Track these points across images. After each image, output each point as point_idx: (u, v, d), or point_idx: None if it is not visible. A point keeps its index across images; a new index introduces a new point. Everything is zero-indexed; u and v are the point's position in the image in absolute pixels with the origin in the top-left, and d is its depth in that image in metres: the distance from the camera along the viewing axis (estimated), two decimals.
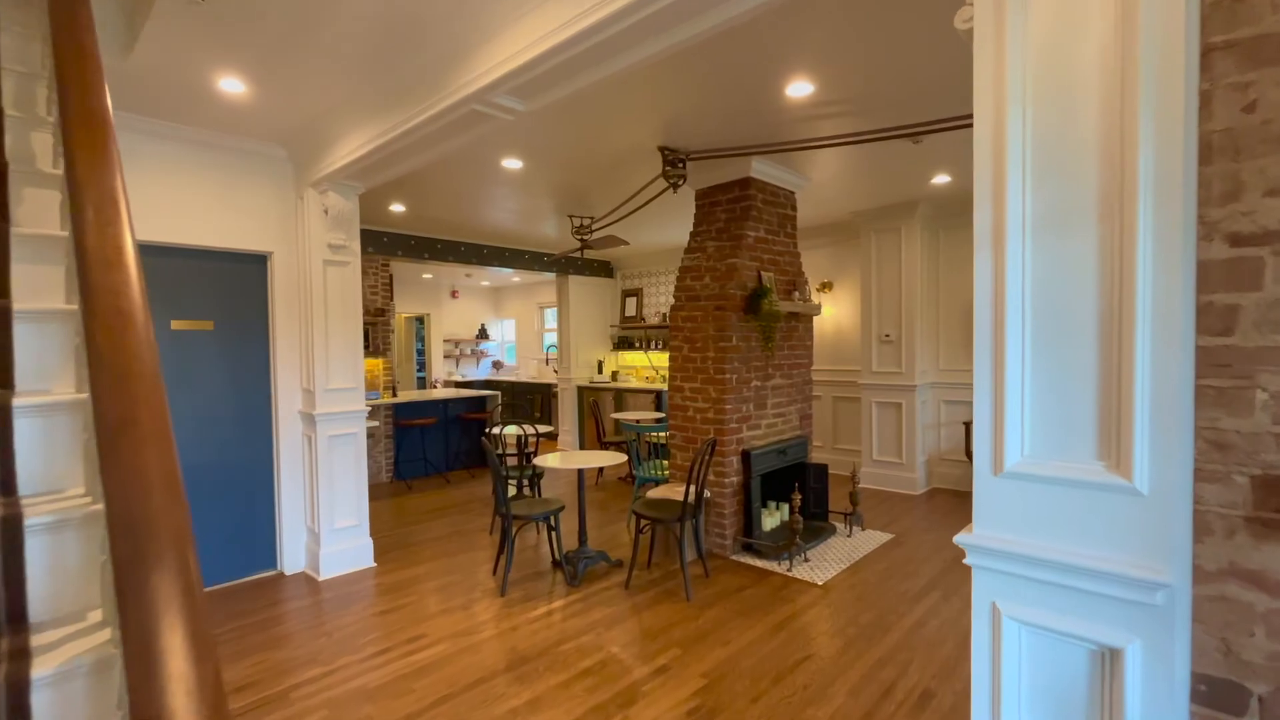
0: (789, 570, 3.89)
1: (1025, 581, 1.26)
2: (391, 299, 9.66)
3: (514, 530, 3.66)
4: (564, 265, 8.32)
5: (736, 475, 4.22)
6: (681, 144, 3.95)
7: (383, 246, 6.46)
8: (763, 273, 4.40)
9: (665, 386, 7.64)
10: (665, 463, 5.01)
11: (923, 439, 5.94)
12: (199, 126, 3.51)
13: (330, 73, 2.91)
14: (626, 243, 5.39)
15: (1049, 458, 1.24)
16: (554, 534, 3.90)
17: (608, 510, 5.38)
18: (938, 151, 4.17)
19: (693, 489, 3.66)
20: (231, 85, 2.99)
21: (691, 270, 4.44)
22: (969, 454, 5.60)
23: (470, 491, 6.16)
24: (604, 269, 8.95)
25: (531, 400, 9.73)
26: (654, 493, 4.10)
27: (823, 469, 4.71)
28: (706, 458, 3.54)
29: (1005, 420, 1.28)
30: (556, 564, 3.98)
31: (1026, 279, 1.26)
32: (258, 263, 3.90)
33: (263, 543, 3.94)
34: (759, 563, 4.05)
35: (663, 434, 4.73)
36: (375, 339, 6.79)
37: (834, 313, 6.82)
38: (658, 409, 7.50)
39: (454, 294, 11.25)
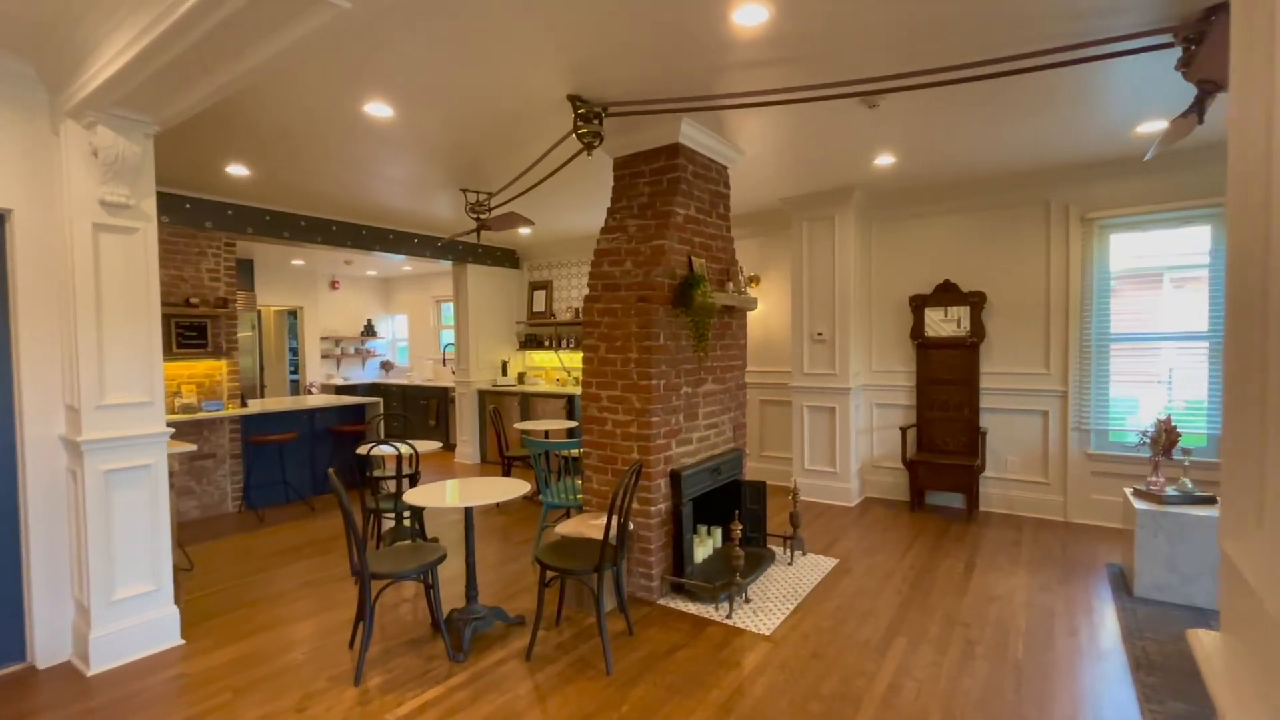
0: (728, 617, 3.22)
1: None
2: (250, 289, 8.21)
3: (375, 596, 2.74)
4: (462, 253, 7.29)
5: (665, 501, 3.50)
6: (597, 93, 3.17)
7: (225, 221, 5.20)
8: (693, 258, 3.71)
9: (579, 390, 6.82)
10: (579, 481, 4.21)
11: (856, 446, 5.51)
12: None
13: None
14: (531, 223, 4.53)
15: None
16: (432, 593, 3.00)
17: (509, 540, 4.51)
18: (892, 121, 3.65)
19: (614, 525, 2.90)
20: None
21: (609, 254, 3.67)
22: (905, 461, 5.22)
23: (338, 524, 5.07)
24: (508, 258, 7.99)
25: (426, 406, 8.59)
26: (565, 527, 3.30)
27: (760, 487, 4.09)
28: (631, 486, 2.78)
29: None
30: (437, 627, 3.09)
31: None
32: None
33: (0, 625, 2.76)
34: (692, 608, 3.34)
35: (576, 450, 3.95)
36: (216, 336, 5.49)
37: (763, 309, 6.29)
38: (570, 416, 6.68)
39: (334, 285, 9.83)
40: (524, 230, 6.88)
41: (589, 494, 3.68)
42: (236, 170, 4.42)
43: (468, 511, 2.98)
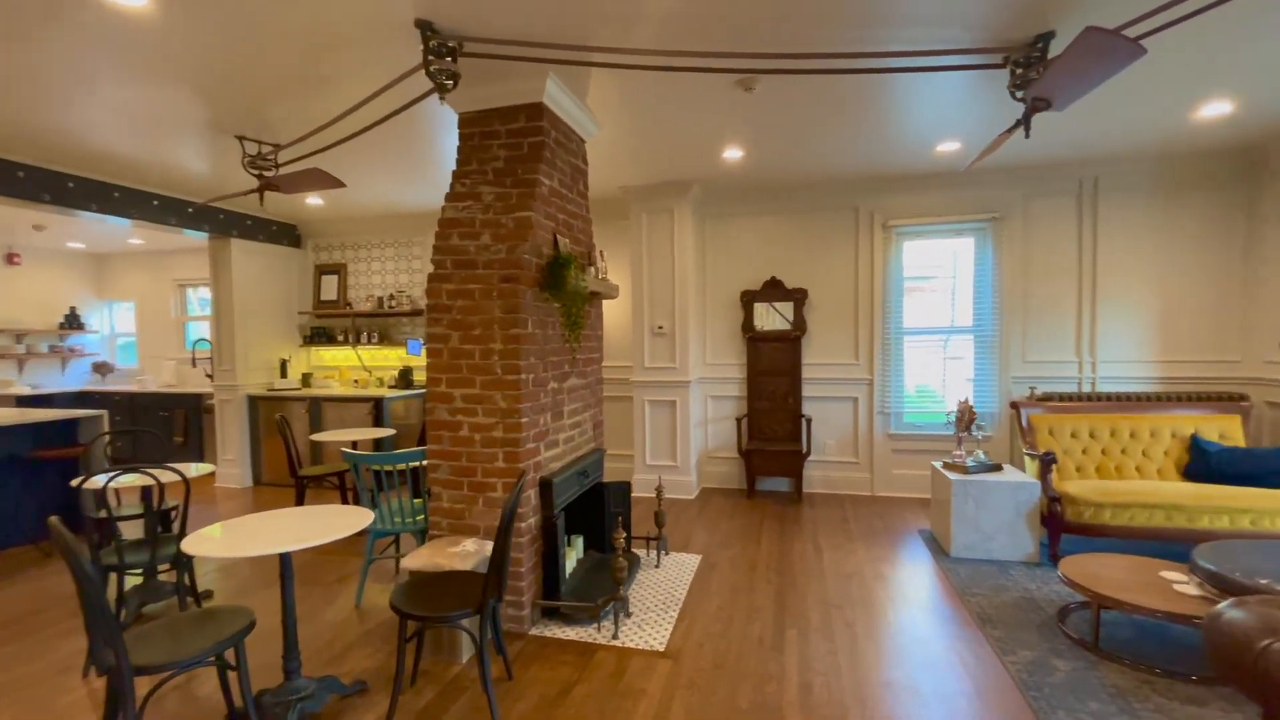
0: (614, 637, 2.88)
1: None
2: None
3: (141, 702, 1.85)
4: (223, 223, 5.80)
5: (535, 515, 3.03)
6: (453, 24, 2.58)
7: None
8: (559, 237, 3.28)
9: (386, 392, 5.87)
10: (417, 500, 3.49)
11: (695, 438, 5.55)
12: None
13: None
14: (342, 184, 3.66)
15: None
16: (231, 673, 2.15)
17: (317, 581, 3.59)
18: (751, 111, 3.63)
19: (495, 550, 2.36)
20: None
21: (460, 225, 3.07)
22: (741, 451, 5.39)
23: (42, 586, 3.60)
24: (287, 234, 6.59)
25: (168, 419, 6.71)
26: (415, 560, 2.65)
27: (624, 489, 3.81)
28: (515, 501, 2.29)
29: None
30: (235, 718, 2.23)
31: None
32: None
33: None
34: (570, 632, 2.93)
35: (414, 463, 3.25)
36: None
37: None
38: (378, 423, 5.71)
39: (11, 258, 7.21)
40: (313, 200, 5.70)
41: (438, 515, 3.04)
42: None
43: (285, 559, 2.19)
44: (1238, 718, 2.22)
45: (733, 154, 4.44)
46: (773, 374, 5.54)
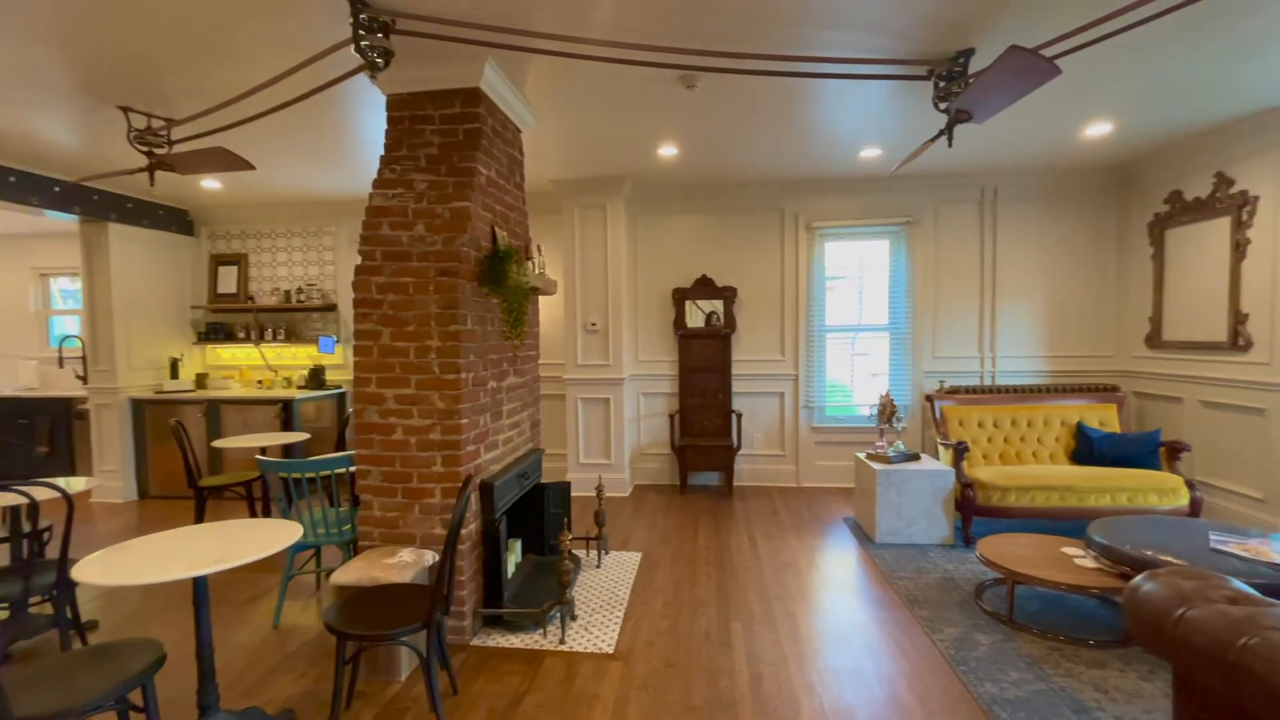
0: (562, 642, 2.81)
1: None
2: None
3: None
4: (99, 205, 5.16)
5: (475, 520, 2.89)
6: None
7: None
8: (497, 230, 3.15)
9: (295, 393, 5.44)
10: (342, 509, 3.24)
11: (628, 436, 5.54)
12: None
13: None
14: (250, 166, 3.33)
15: None
16: (136, 715, 1.90)
17: (226, 601, 3.26)
18: (700, 106, 3.64)
19: (428, 556, 2.23)
20: None
21: (391, 214, 2.88)
22: (674, 447, 5.43)
23: None
24: (177, 220, 5.96)
25: (29, 427, 5.89)
26: (348, 575, 2.46)
27: (564, 489, 3.73)
28: (464, 507, 2.17)
29: None
30: None
31: None
32: None
33: None
34: (515, 640, 2.83)
35: (340, 470, 3.01)
36: None
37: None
38: (287, 426, 5.28)
39: None
40: (209, 183, 5.18)
41: (369, 525, 2.83)
42: None
43: (200, 583, 1.96)
44: (1132, 676, 2.48)
45: (668, 151, 4.45)
46: (704, 371, 5.62)
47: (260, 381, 5.94)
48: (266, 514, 4.35)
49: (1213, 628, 1.45)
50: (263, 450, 4.18)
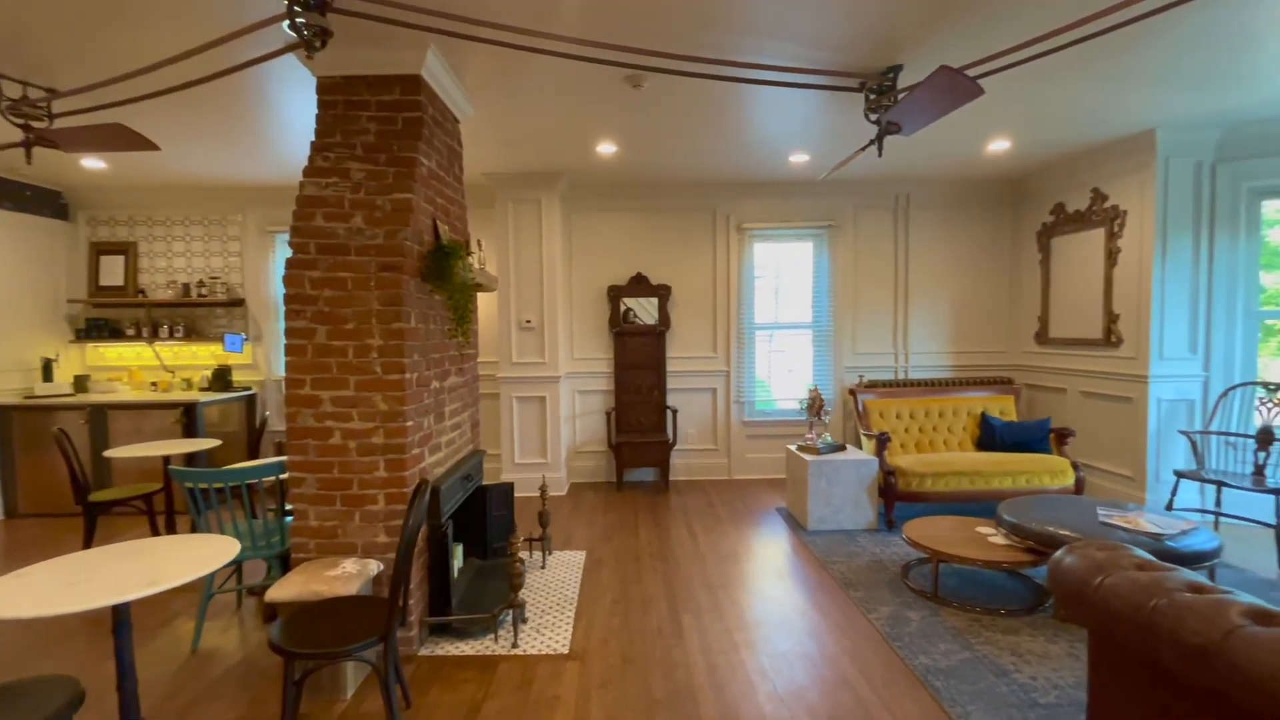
0: (515, 646, 2.76)
1: None
2: None
3: None
4: None
5: (421, 525, 2.78)
6: None
7: None
8: (439, 224, 3.04)
9: (199, 396, 5.00)
10: (266, 517, 3.01)
11: (564, 434, 5.50)
12: None
13: None
14: (154, 147, 3.02)
15: None
16: None
17: (142, 608, 2.94)
18: (642, 105, 3.66)
19: (372, 566, 2.12)
20: None
21: (326, 204, 2.71)
22: (611, 444, 5.45)
23: None
24: (48, 203, 5.29)
25: None
26: (286, 590, 2.30)
27: (506, 490, 3.66)
28: (424, 512, 2.09)
29: None
30: None
31: None
32: None
33: None
34: (465, 647, 2.75)
35: (269, 478, 2.79)
36: None
37: None
38: (190, 432, 4.84)
39: None
40: (90, 162, 4.63)
41: (304, 535, 2.66)
42: None
43: (121, 610, 1.77)
44: (1040, 639, 2.76)
45: (608, 149, 4.45)
46: (639, 368, 5.67)
47: (155, 384, 5.39)
48: (171, 530, 3.97)
49: (1127, 592, 1.65)
50: (166, 459, 3.80)
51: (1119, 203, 4.56)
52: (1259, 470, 3.79)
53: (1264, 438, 3.79)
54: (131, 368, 5.45)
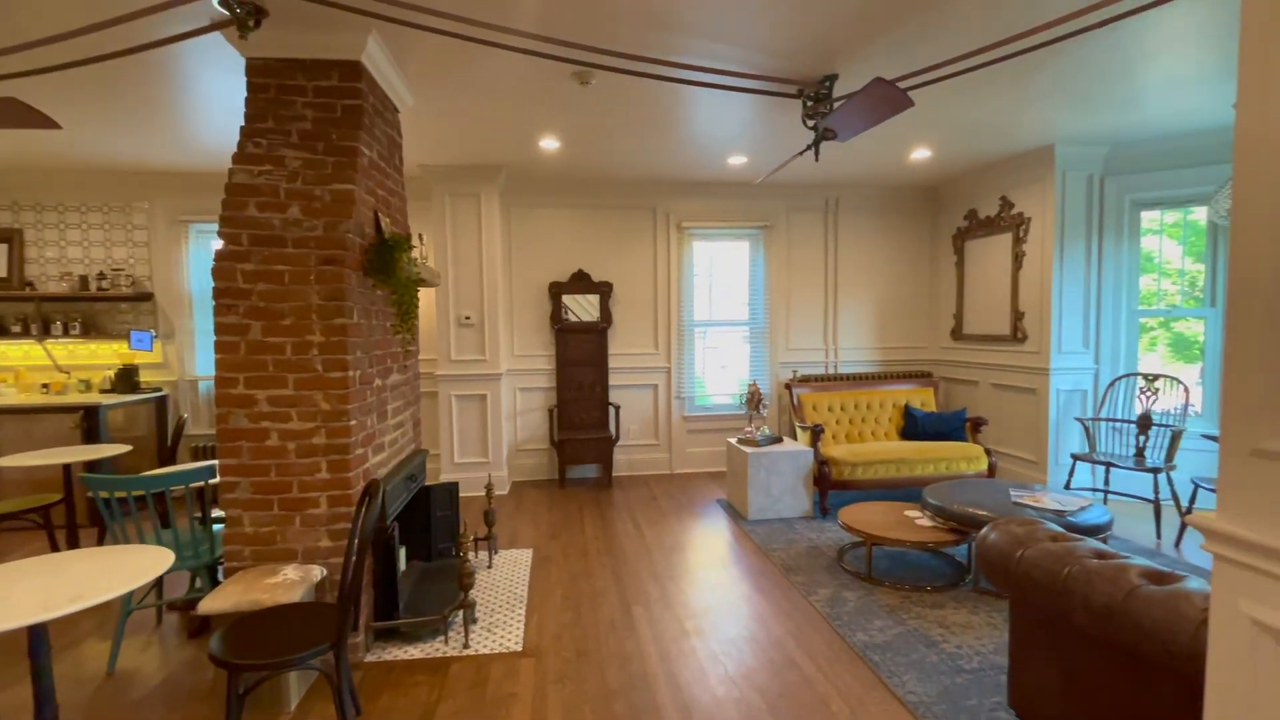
0: (466, 646, 2.72)
1: None
2: None
3: None
4: None
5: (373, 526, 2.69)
6: None
7: None
8: (380, 216, 2.94)
9: (100, 398, 4.60)
10: (194, 525, 2.81)
11: (505, 432, 5.43)
12: None
13: None
14: (55, 125, 2.75)
15: None
16: None
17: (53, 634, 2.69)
18: (588, 102, 3.67)
19: (315, 572, 2.04)
20: None
21: (260, 193, 2.57)
22: (554, 441, 5.43)
23: None
24: None
25: None
26: (220, 602, 2.17)
27: (451, 489, 3.59)
28: (378, 512, 2.03)
29: None
30: None
31: None
32: None
33: None
34: (414, 651, 2.69)
35: (196, 483, 2.61)
36: None
37: None
38: (92, 437, 4.44)
39: None
40: None
41: (239, 543, 2.51)
42: None
43: (36, 632, 1.63)
44: (963, 611, 2.99)
45: (550, 144, 4.42)
46: (581, 364, 5.67)
47: (47, 385, 4.90)
48: (74, 544, 3.64)
49: (1045, 562, 1.83)
50: (67, 468, 3.47)
51: (1024, 210, 4.98)
52: (1139, 452, 4.24)
53: (1143, 423, 4.25)
54: (18, 368, 4.93)
